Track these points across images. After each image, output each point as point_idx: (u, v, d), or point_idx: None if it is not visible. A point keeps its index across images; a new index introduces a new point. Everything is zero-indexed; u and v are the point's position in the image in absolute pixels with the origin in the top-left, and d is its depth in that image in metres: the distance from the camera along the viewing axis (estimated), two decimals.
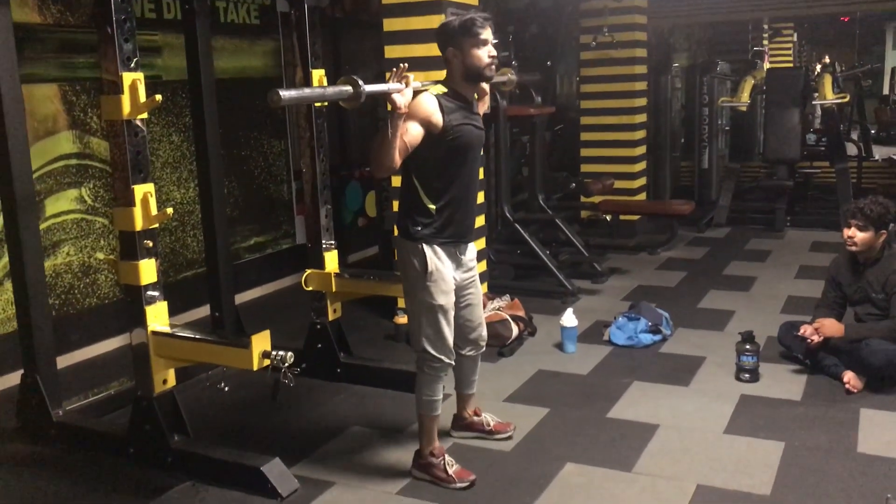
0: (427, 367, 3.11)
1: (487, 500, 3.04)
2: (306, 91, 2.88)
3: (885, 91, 14.98)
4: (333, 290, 4.16)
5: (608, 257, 6.76)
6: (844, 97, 7.68)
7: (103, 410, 3.90)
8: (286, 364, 3.04)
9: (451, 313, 3.10)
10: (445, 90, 3.05)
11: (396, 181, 4.79)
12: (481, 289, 3.37)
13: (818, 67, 16.10)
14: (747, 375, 4.06)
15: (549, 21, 7.49)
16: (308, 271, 4.20)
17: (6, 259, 4.23)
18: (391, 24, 4.91)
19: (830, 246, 7.06)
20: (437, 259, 3.03)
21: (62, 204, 4.60)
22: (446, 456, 3.17)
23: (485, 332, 3.37)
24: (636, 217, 7.76)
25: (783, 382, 4.04)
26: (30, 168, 3.58)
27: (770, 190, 7.79)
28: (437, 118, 2.94)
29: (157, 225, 3.21)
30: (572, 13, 7.61)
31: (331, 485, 3.18)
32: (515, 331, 4.70)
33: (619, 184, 7.43)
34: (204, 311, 5.17)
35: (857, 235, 3.96)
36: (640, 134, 8.01)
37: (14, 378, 3.82)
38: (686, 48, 13.23)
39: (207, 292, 4.57)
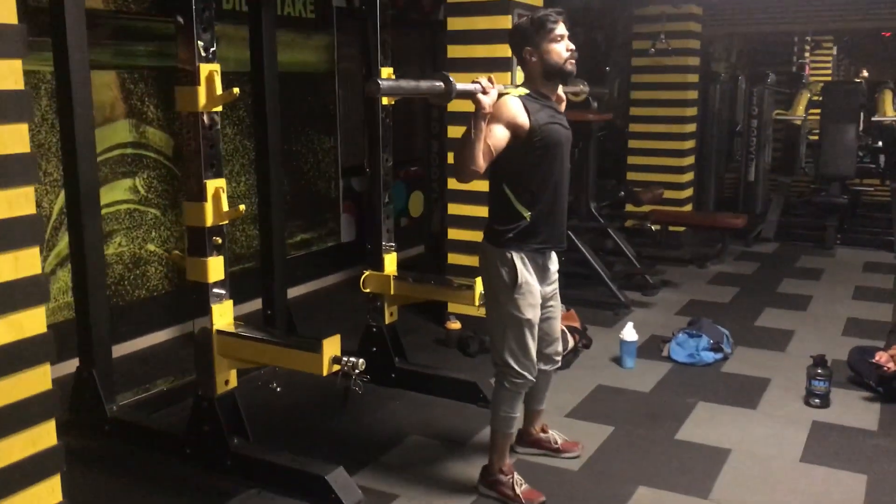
0: (508, 381, 2.99)
1: None
2: (402, 83, 2.76)
3: None
4: (392, 293, 4.05)
5: (657, 269, 6.61)
6: None
7: (155, 407, 3.81)
8: (357, 371, 2.94)
9: (537, 328, 2.98)
10: (528, 91, 2.93)
11: (453, 184, 4.71)
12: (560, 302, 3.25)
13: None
14: (818, 401, 3.91)
15: (605, 26, 7.35)
16: (366, 273, 4.09)
17: (60, 246, 4.19)
18: (455, 24, 4.81)
19: (884, 267, 6.90)
20: (526, 271, 2.91)
21: (116, 193, 4.52)
22: (515, 474, 3.05)
23: (560, 347, 3.25)
24: (682, 228, 7.61)
25: (855, 410, 3.89)
26: (94, 154, 3.49)
27: (822, 206, 7.60)
28: (523, 119, 2.83)
29: (227, 222, 3.12)
30: (628, 18, 7.47)
31: (395, 497, 3.08)
32: (571, 342, 4.56)
33: (666, 193, 7.28)
34: (250, 306, 5.09)
35: None
36: (690, 143, 7.86)
37: (66, 367, 3.74)
38: (724, 58, 13.03)
39: (260, 288, 4.50)
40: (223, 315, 3.17)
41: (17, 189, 2.13)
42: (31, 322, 2.24)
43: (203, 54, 2.98)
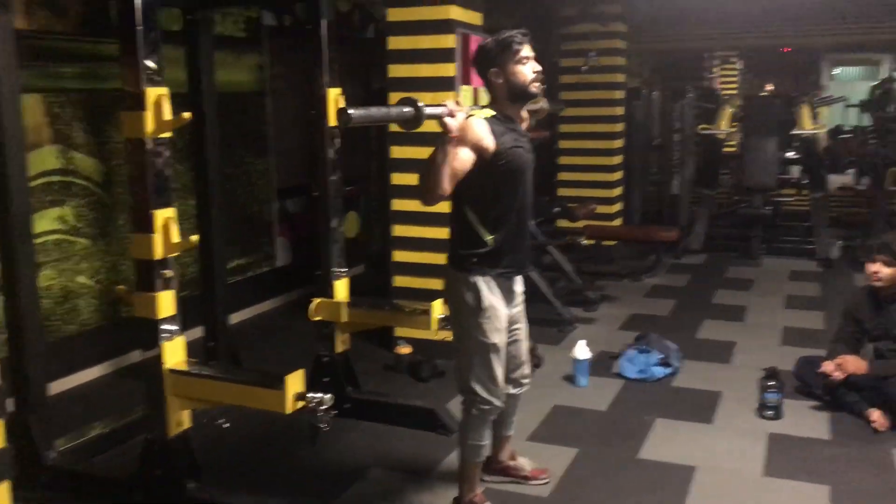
0: (476, 408, 2.91)
1: None
2: (372, 111, 2.66)
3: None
4: (344, 320, 3.93)
5: (597, 284, 6.65)
6: (823, 127, 7.78)
7: (96, 451, 3.58)
8: (324, 407, 2.81)
9: (504, 352, 2.92)
10: (494, 113, 2.88)
11: (398, 205, 4.65)
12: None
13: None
14: (771, 412, 3.97)
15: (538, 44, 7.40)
16: (316, 300, 3.96)
17: None
18: (396, 43, 4.73)
19: (809, 275, 7.13)
20: (491, 295, 2.85)
21: (44, 223, 4.25)
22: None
23: (528, 370, 3.19)
24: (613, 242, 7.70)
25: (807, 420, 3.97)
26: (26, 182, 3.29)
27: (747, 217, 7.81)
28: (489, 142, 2.77)
29: (177, 253, 2.95)
30: (557, 36, 7.55)
31: None
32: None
33: (598, 208, 7.36)
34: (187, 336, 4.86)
35: (882, 271, 3.92)
36: (618, 159, 7.99)
37: None
38: (637, 74, 13.36)
39: (198, 317, 4.31)
40: (175, 352, 2.99)
41: None
42: None
43: (150, 78, 2.82)
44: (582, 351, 4.44)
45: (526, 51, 2.83)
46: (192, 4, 3.98)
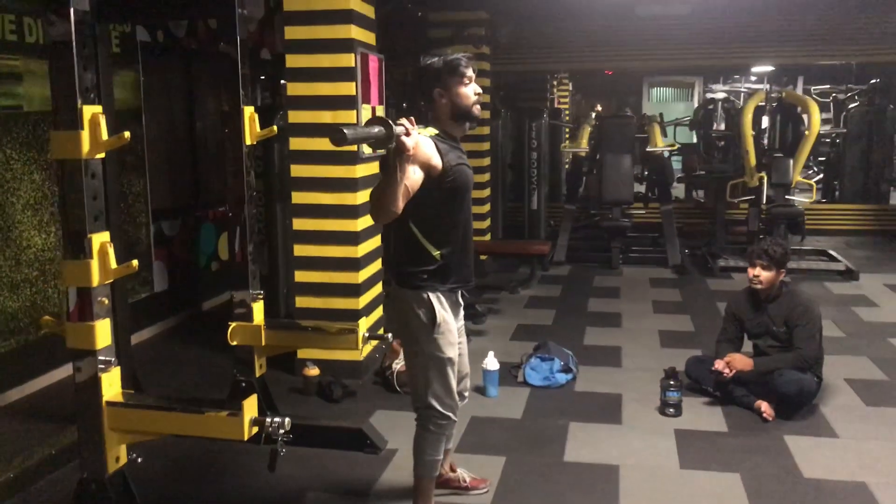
0: (433, 424, 2.95)
1: None
2: (359, 130, 2.60)
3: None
4: (263, 343, 3.84)
5: (482, 297, 6.83)
6: (674, 145, 8.39)
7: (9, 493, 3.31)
8: (282, 431, 2.76)
9: (457, 366, 2.98)
10: (437, 132, 2.95)
11: (299, 224, 4.58)
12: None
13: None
14: (672, 410, 4.25)
15: (407, 66, 7.52)
16: (233, 324, 3.84)
17: None
18: (295, 61, 4.68)
19: (666, 282, 7.66)
20: (443, 310, 2.91)
21: None
22: None
23: (469, 383, 3.27)
24: (485, 256, 7.94)
25: (703, 415, 4.29)
26: None
27: (609, 230, 8.28)
28: (437, 160, 2.84)
29: (113, 280, 2.80)
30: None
31: None
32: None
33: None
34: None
35: (762, 275, 4.31)
36: (487, 177, 8.24)
37: None
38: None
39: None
40: (112, 384, 2.84)
41: None
42: None
43: (85, 95, 2.67)
44: (492, 362, 4.56)
45: (470, 73, 2.92)
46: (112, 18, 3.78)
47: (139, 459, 3.74)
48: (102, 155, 2.75)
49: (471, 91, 2.92)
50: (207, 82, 6.66)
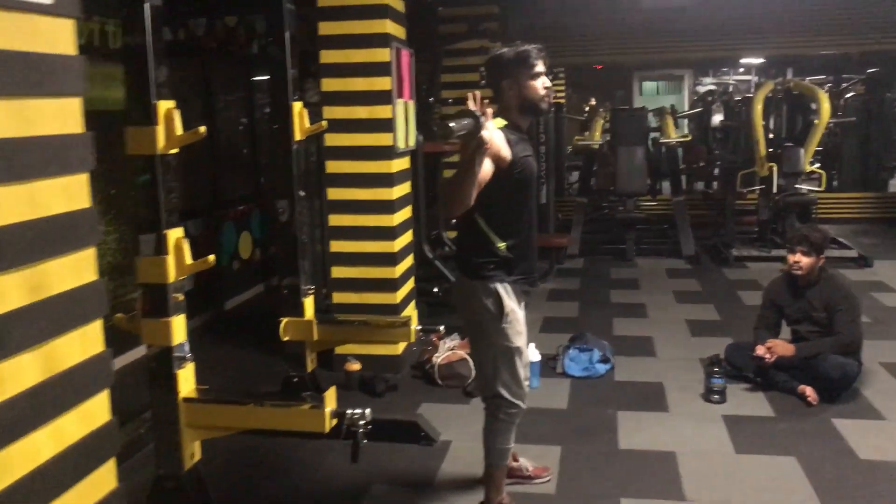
0: (503, 413, 2.97)
1: None
2: (462, 123, 2.56)
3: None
4: (315, 338, 3.85)
5: None
6: (687, 136, 8.43)
7: None
8: (363, 422, 2.76)
9: (525, 355, 2.99)
10: (506, 123, 2.95)
11: (335, 220, 4.59)
12: None
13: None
14: (717, 397, 4.28)
15: (427, 59, 7.54)
16: (285, 319, 3.85)
17: None
18: (329, 57, 4.67)
19: (682, 272, 7.70)
20: (510, 300, 2.92)
21: None
22: None
23: (528, 373, 3.28)
24: None
25: (747, 401, 4.32)
26: None
27: (623, 221, 8.32)
28: (507, 152, 2.84)
29: (188, 276, 2.80)
30: (441, 52, 7.73)
31: None
32: (474, 370, 4.60)
33: None
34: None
35: (802, 260, 4.35)
36: None
37: None
38: None
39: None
40: (187, 380, 2.83)
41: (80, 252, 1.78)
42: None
43: (160, 91, 2.67)
44: (533, 353, 4.57)
45: (541, 66, 2.92)
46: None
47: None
48: (177, 150, 2.73)
49: (540, 84, 2.92)
50: (226, 83, 6.64)
